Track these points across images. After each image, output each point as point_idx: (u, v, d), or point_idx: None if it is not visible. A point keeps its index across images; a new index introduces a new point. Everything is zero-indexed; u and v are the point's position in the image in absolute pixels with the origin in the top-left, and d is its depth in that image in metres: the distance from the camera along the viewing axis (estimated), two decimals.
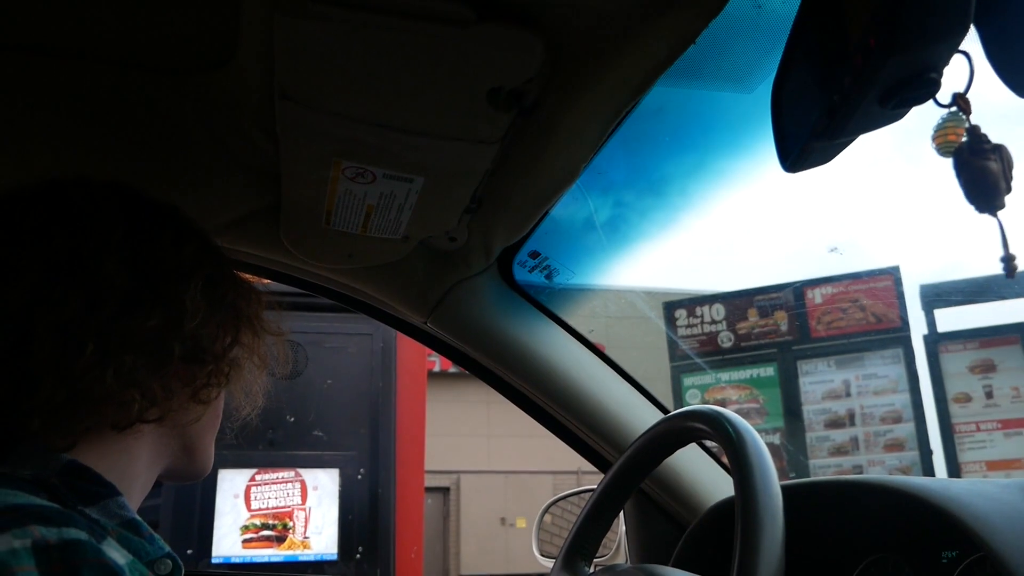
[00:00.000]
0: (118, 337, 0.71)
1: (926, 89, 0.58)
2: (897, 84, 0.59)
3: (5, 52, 0.92)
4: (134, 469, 0.78)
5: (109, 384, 0.70)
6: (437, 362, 11.54)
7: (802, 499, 1.10)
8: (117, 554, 0.62)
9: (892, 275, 6.27)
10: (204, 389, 0.81)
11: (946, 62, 0.57)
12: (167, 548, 0.75)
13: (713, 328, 6.78)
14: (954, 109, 0.58)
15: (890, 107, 0.60)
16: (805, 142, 0.69)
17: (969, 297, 6.01)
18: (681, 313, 6.90)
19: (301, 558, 3.56)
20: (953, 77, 0.58)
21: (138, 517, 0.74)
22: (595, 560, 1.15)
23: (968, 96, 0.58)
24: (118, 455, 0.75)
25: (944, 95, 0.58)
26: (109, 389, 0.70)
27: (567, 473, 13.54)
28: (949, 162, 0.60)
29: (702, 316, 6.83)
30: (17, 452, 0.68)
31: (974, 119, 0.58)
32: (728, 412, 0.90)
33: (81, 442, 0.72)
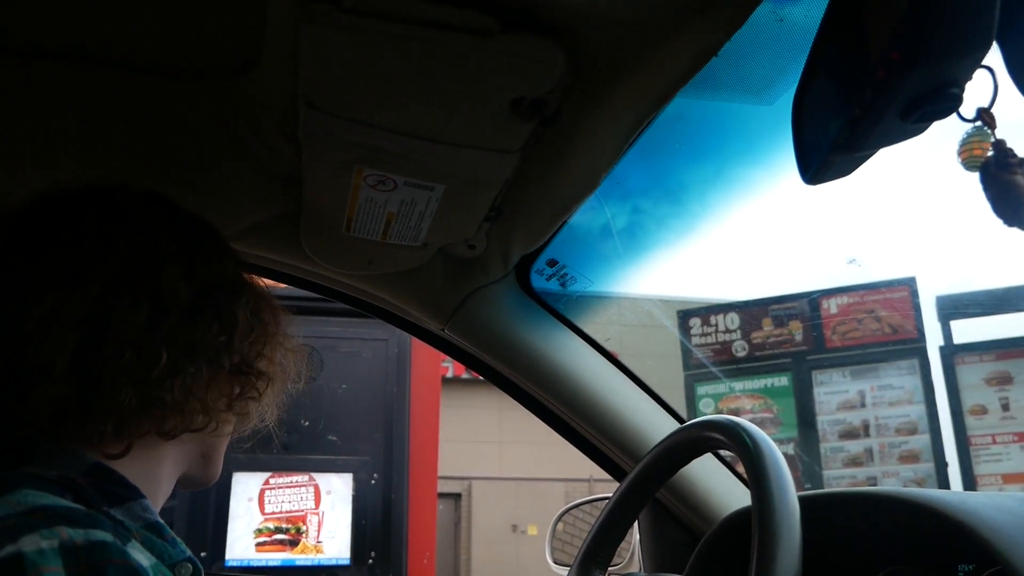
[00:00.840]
0: (184, 348, 0.73)
1: (948, 104, 0.59)
2: (919, 98, 0.59)
3: (32, 59, 0.93)
4: (160, 474, 0.79)
5: (176, 394, 0.72)
6: (450, 368, 11.56)
7: (818, 510, 1.10)
8: (141, 556, 0.63)
9: (909, 286, 6.23)
10: (240, 401, 0.83)
11: (968, 77, 0.58)
12: (188, 552, 0.75)
13: (727, 337, 6.76)
14: (979, 124, 0.58)
15: (912, 121, 0.61)
16: (825, 154, 0.69)
17: (987, 309, 5.97)
18: (695, 322, 6.88)
19: (314, 562, 3.57)
20: (977, 92, 0.58)
21: (161, 520, 0.75)
22: (609, 568, 1.15)
23: (993, 111, 0.58)
24: (146, 460, 0.76)
25: (968, 110, 0.58)
26: (176, 398, 0.72)
27: (579, 481, 13.50)
28: (971, 176, 0.60)
29: (716, 325, 6.81)
30: (42, 453, 0.69)
31: (999, 134, 0.58)
32: (745, 422, 0.90)
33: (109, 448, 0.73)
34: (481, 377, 1.47)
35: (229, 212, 1.15)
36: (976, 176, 0.60)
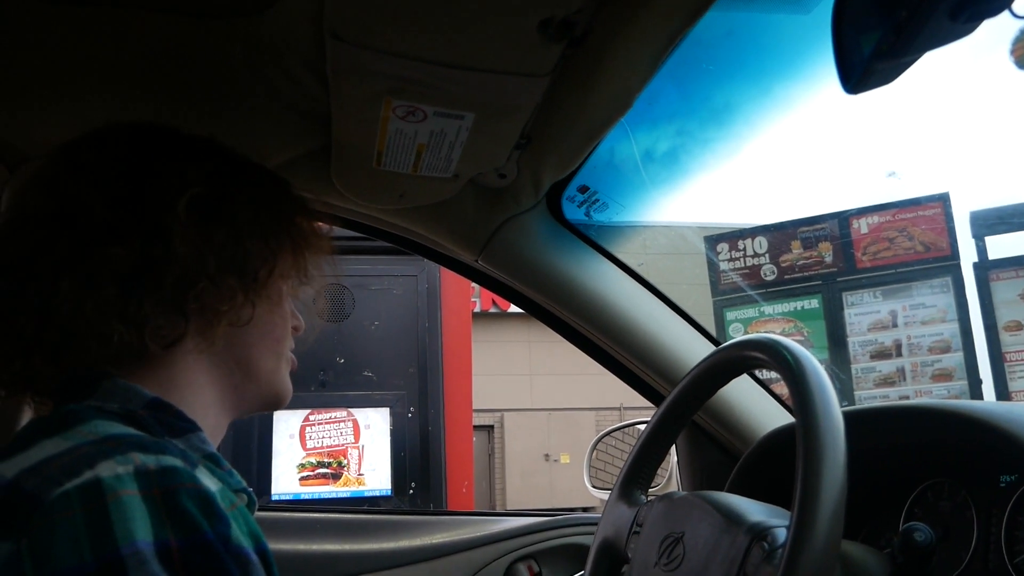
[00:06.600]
0: (99, 271, 0.72)
1: (1001, 0, 0.57)
2: None
3: (57, 5, 0.92)
4: (201, 402, 0.79)
5: (90, 318, 0.71)
6: (478, 302, 11.62)
7: (861, 424, 1.10)
8: (209, 481, 0.65)
9: (942, 202, 6.11)
10: (223, 309, 0.79)
11: None
12: (244, 483, 0.78)
13: (756, 261, 6.70)
14: None
15: (962, 21, 0.59)
16: (868, 62, 0.67)
17: None
18: (723, 247, 6.82)
19: (357, 493, 3.67)
20: None
21: (217, 452, 0.77)
22: (649, 489, 1.17)
23: None
24: (181, 389, 0.77)
25: (1021, 6, 0.56)
26: (90, 323, 0.71)
27: (610, 409, 13.66)
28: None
29: (744, 249, 6.75)
30: (101, 388, 0.71)
31: None
32: (785, 339, 0.90)
33: (141, 378, 0.74)
34: (509, 310, 1.48)
35: (258, 151, 1.14)
36: None
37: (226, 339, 0.81)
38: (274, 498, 3.58)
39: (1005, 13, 0.56)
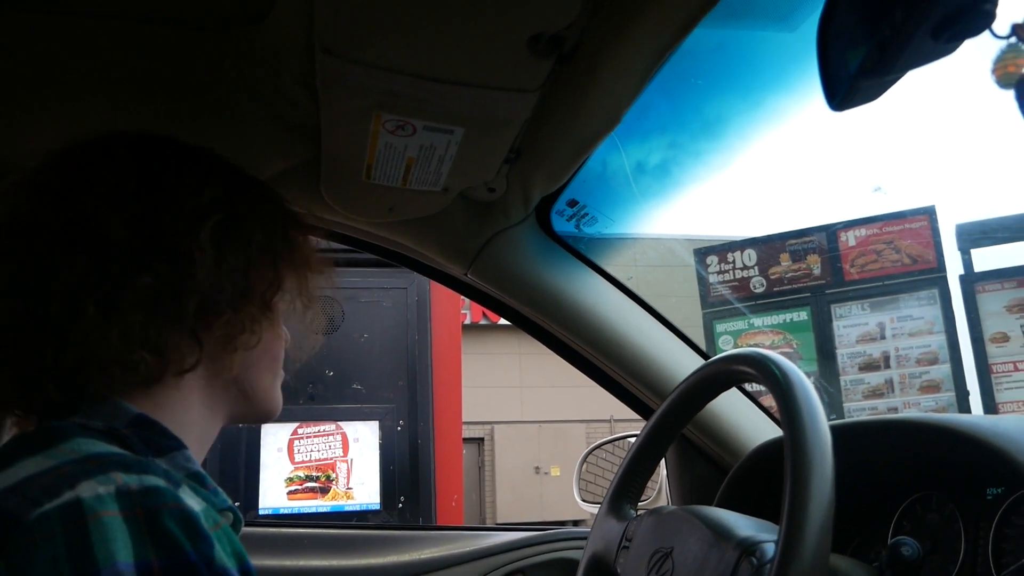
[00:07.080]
0: (123, 296, 0.70)
1: (981, 21, 0.57)
2: (951, 16, 0.57)
3: (53, 15, 0.93)
4: (188, 419, 0.78)
5: (115, 345, 0.69)
6: (468, 315, 11.61)
7: (848, 438, 1.10)
8: (192, 501, 0.64)
9: (928, 215, 6.16)
10: (241, 336, 0.79)
11: None
12: (229, 501, 0.76)
13: (745, 274, 6.73)
14: (1013, 40, 0.57)
15: (943, 40, 0.59)
16: (853, 79, 0.68)
17: (1012, 234, 5.89)
18: (712, 259, 6.84)
19: (345, 508, 3.65)
20: (1011, 7, 0.57)
21: (202, 471, 0.75)
22: (639, 503, 1.17)
23: None
24: (172, 407, 0.76)
25: (1002, 26, 0.57)
26: (116, 350, 0.70)
27: (600, 421, 13.64)
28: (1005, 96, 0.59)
29: (734, 262, 6.78)
30: (86, 405, 0.70)
31: None
32: (772, 354, 0.90)
33: (132, 396, 0.73)
34: (500, 322, 1.49)
35: (249, 163, 1.14)
36: (1010, 94, 0.59)
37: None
38: (262, 512, 3.55)
39: (986, 33, 0.57)
